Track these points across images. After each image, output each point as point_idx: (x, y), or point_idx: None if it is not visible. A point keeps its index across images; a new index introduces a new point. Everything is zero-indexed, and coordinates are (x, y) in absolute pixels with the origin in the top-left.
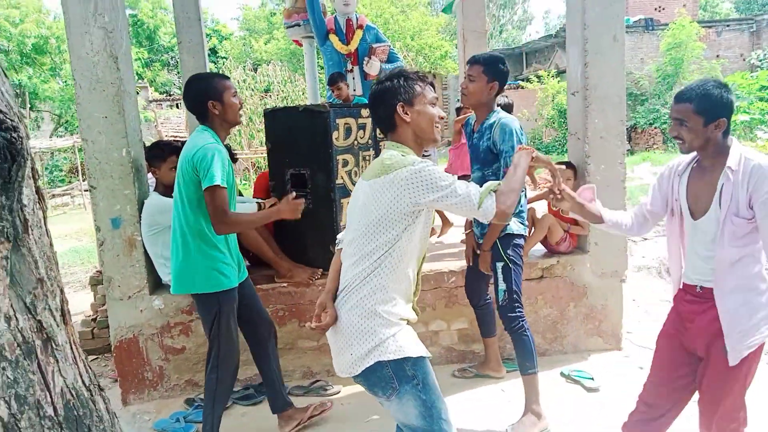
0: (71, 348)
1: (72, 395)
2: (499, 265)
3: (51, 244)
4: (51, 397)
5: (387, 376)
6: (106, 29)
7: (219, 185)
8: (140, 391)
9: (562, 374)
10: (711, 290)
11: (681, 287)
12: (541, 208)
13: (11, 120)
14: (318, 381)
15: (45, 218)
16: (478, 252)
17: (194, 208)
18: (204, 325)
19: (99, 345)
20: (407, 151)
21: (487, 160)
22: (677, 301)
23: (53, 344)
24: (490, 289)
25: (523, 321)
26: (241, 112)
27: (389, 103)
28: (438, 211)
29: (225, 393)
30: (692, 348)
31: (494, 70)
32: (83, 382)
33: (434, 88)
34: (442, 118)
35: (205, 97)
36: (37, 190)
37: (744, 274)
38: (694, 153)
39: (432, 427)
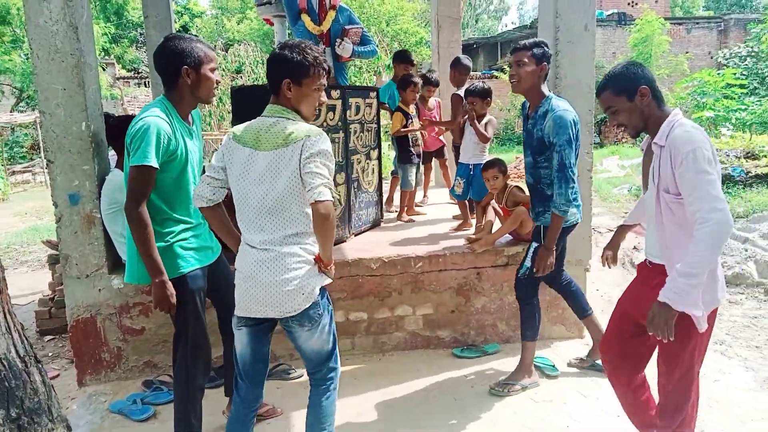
0: (5, 317)
1: (3, 366)
2: (534, 245)
3: None
4: None
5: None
6: None
7: (143, 165)
8: (97, 372)
9: None
10: (658, 266)
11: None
12: None
13: None
14: (281, 365)
15: None
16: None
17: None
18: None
19: (56, 325)
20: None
21: (538, 149)
22: (638, 271)
23: None
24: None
25: (534, 297)
26: (215, 91)
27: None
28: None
29: (201, 388)
30: (638, 318)
31: (542, 52)
32: (17, 352)
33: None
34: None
35: (181, 60)
36: None
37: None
38: None
39: None
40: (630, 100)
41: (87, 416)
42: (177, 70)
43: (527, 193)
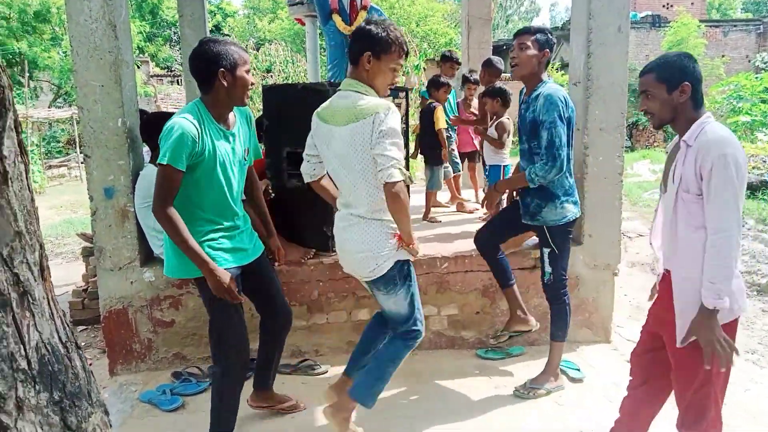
0: (49, 304)
1: (47, 350)
2: (546, 251)
3: (32, 199)
4: (25, 350)
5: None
6: None
7: (166, 164)
8: (128, 363)
9: None
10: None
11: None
12: None
13: None
14: (306, 360)
15: (27, 172)
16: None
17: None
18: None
19: (89, 316)
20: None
21: (533, 133)
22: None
23: (30, 298)
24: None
25: (565, 296)
26: (249, 93)
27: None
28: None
29: (232, 386)
30: (655, 330)
31: (545, 39)
32: (59, 338)
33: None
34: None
35: (217, 63)
36: (20, 143)
37: (700, 260)
38: None
39: None
40: (669, 92)
41: (118, 405)
42: (213, 73)
43: None
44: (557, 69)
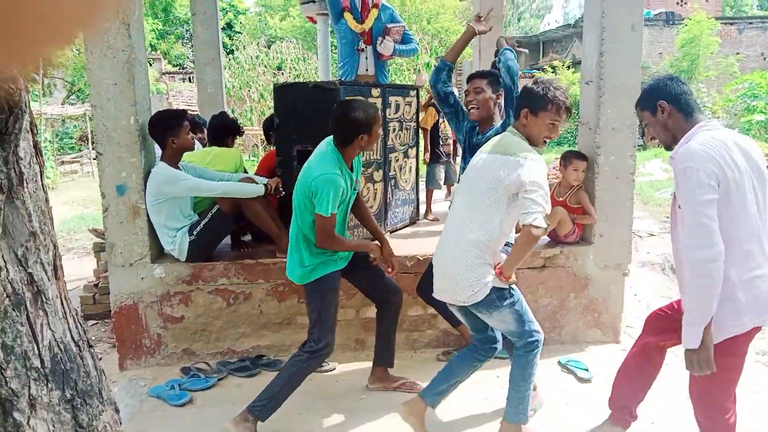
0: (62, 303)
1: (60, 349)
2: None
3: (47, 200)
4: (38, 349)
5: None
6: None
7: (324, 216)
8: (137, 357)
9: (559, 363)
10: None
11: None
12: None
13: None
14: None
15: (42, 173)
16: None
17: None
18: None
19: (100, 311)
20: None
21: None
22: None
23: (43, 297)
24: None
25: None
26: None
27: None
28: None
29: (309, 368)
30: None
31: (497, 81)
32: (72, 337)
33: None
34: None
35: (359, 130)
36: (35, 145)
37: None
38: None
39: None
40: (653, 115)
41: (127, 399)
42: (355, 136)
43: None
44: (568, 66)
